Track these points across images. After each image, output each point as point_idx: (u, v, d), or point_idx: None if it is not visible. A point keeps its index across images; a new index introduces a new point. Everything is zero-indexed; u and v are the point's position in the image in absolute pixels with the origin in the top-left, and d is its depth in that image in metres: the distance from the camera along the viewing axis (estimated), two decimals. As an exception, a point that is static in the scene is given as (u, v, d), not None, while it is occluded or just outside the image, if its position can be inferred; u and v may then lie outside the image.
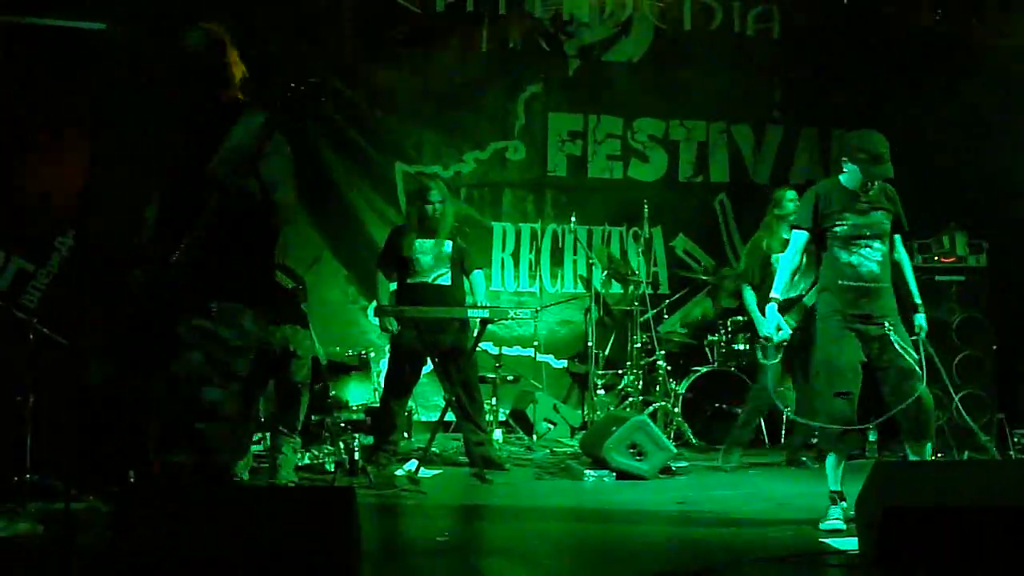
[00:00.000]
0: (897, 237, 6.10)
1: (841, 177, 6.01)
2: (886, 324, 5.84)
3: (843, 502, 5.83)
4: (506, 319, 7.82)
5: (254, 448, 7.46)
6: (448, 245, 7.82)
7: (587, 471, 7.63)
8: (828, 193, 6.01)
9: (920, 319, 6.04)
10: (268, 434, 7.37)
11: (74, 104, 7.37)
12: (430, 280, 7.76)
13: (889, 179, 5.93)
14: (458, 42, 10.26)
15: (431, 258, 7.77)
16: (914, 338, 5.95)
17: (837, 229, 5.92)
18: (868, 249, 5.91)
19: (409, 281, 7.80)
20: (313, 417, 8.12)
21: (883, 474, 4.90)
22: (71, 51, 7.27)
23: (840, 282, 5.91)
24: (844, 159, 5.99)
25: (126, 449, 6.15)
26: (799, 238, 6.09)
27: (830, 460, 5.92)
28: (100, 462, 6.22)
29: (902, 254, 6.15)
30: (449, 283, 7.81)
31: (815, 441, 7.61)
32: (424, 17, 10.18)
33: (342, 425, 8.17)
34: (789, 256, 6.16)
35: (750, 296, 8.20)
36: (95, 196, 7.20)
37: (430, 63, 10.17)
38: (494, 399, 9.06)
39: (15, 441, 6.10)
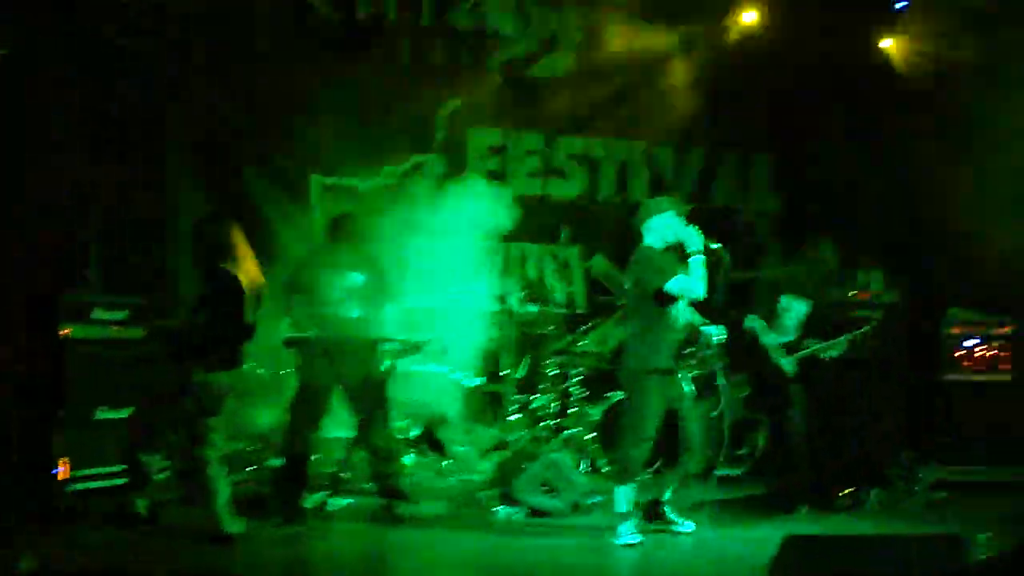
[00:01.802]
0: None
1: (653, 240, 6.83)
2: None
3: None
4: (417, 353, 7.61)
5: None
6: (359, 277, 7.53)
7: (499, 507, 7.53)
8: None
9: None
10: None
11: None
12: (340, 312, 7.48)
13: None
14: (379, 53, 9.98)
15: (341, 290, 7.49)
16: None
17: None
18: None
19: (319, 310, 7.52)
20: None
21: (796, 546, 4.86)
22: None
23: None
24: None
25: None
26: None
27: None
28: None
29: None
30: (359, 314, 7.53)
31: None
32: (343, 26, 9.90)
33: (249, 451, 7.97)
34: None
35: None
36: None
37: (349, 73, 9.87)
38: (407, 420, 8.86)
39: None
